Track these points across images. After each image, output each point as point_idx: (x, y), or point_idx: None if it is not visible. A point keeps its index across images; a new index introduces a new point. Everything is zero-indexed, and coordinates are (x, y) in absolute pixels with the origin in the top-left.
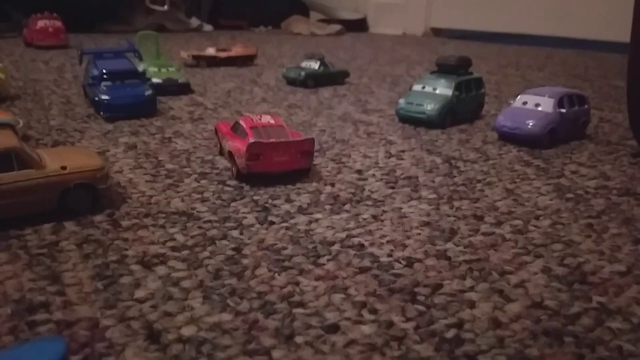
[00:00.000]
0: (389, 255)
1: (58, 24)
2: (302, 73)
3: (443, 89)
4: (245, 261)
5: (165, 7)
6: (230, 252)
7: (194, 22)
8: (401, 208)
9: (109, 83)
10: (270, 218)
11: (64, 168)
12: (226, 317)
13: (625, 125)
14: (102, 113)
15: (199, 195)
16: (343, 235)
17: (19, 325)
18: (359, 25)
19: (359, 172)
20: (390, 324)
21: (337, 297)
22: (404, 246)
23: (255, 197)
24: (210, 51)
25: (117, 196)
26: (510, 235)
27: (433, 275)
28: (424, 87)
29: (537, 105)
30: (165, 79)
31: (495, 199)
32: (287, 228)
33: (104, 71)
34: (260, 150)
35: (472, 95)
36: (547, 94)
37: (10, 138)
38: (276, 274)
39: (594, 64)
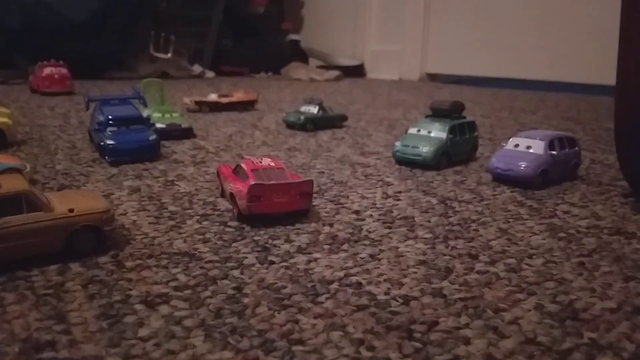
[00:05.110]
0: (386, 294)
1: (64, 71)
2: (302, 117)
3: (438, 132)
4: (245, 300)
5: (169, 54)
6: (231, 292)
7: (197, 68)
8: (398, 247)
9: (114, 128)
10: (270, 258)
11: (71, 210)
12: (227, 354)
13: (616, 166)
14: (107, 158)
15: (201, 236)
16: (341, 274)
17: None
18: (356, 71)
19: (357, 212)
20: None
21: (336, 335)
22: (401, 284)
23: (256, 238)
24: (213, 97)
25: (121, 238)
26: (504, 273)
27: (429, 312)
28: (419, 131)
29: (529, 147)
30: (169, 124)
31: (490, 238)
32: (286, 267)
33: (110, 117)
34: (261, 192)
35: (466, 138)
36: (538, 136)
37: (20, 182)
38: (276, 312)
39: (586, 107)
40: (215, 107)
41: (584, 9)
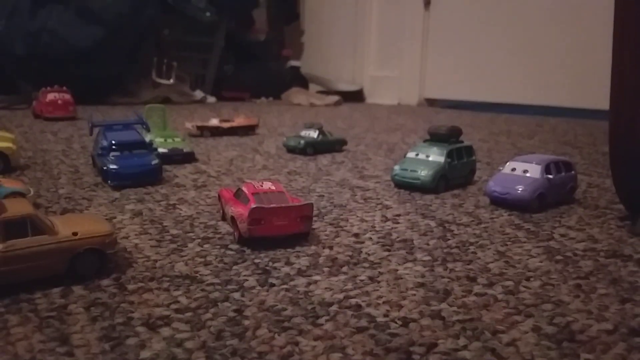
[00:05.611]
0: (385, 316)
1: (67, 96)
2: (302, 141)
3: (436, 156)
4: (246, 322)
5: (171, 80)
6: (231, 314)
7: (198, 94)
8: (397, 270)
9: (117, 153)
10: (270, 280)
11: (75, 234)
12: None
13: (613, 190)
14: (109, 182)
15: (202, 259)
16: (341, 296)
17: None
18: (356, 96)
19: (356, 235)
20: None
21: (335, 357)
22: (400, 306)
23: (256, 260)
24: (214, 122)
25: (123, 261)
26: (502, 295)
27: (428, 334)
28: (417, 155)
29: (525, 171)
30: (171, 149)
31: (488, 261)
32: (287, 290)
33: (113, 142)
34: (262, 215)
35: (464, 162)
36: (534, 161)
37: (25, 205)
38: (276, 335)
39: (583, 131)
40: (216, 132)
41: (580, 35)
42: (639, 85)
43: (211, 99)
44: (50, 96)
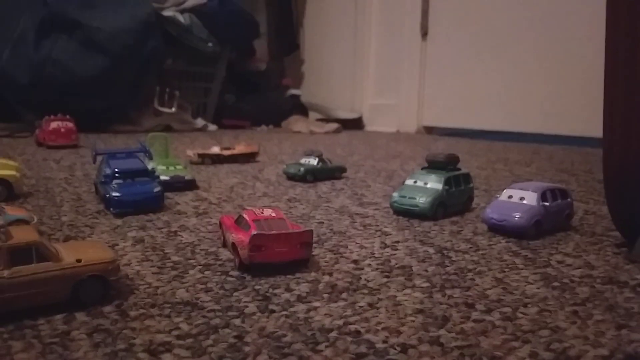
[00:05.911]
0: (384, 342)
1: (70, 125)
2: (302, 169)
3: (434, 183)
4: (246, 349)
5: (173, 109)
6: (232, 340)
7: (200, 122)
8: (396, 296)
9: (120, 181)
10: (270, 307)
11: (79, 261)
12: None
13: (609, 217)
14: (112, 209)
15: (203, 286)
16: (340, 322)
17: None
18: (355, 124)
19: (356, 262)
20: None
21: None
22: (399, 333)
23: (257, 287)
24: (215, 149)
25: (125, 287)
26: (499, 322)
27: None
28: (415, 182)
29: (522, 198)
30: (173, 176)
31: (486, 287)
32: (287, 316)
33: (116, 170)
34: (263, 242)
35: (462, 190)
36: (530, 188)
37: (31, 232)
38: None
39: (579, 159)
40: (217, 160)
41: (576, 64)
42: (631, 113)
43: (212, 127)
44: (54, 124)
